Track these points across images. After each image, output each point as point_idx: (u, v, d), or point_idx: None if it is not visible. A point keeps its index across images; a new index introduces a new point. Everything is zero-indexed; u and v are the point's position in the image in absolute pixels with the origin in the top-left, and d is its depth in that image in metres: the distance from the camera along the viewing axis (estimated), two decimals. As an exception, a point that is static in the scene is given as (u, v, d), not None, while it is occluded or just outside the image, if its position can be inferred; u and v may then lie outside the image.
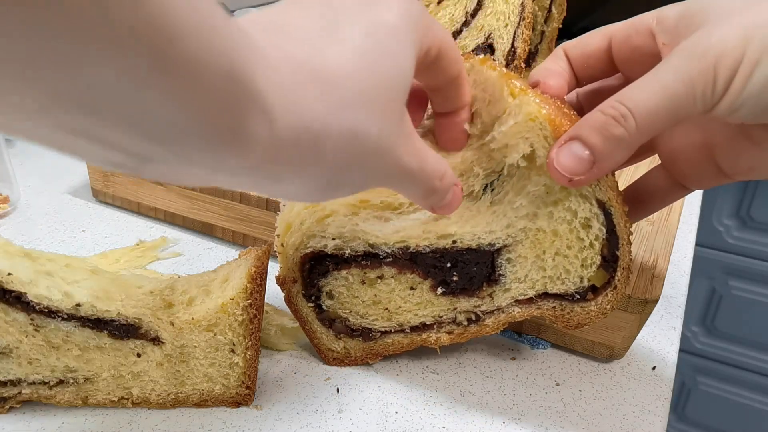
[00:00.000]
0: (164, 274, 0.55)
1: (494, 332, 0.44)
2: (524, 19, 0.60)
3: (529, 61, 0.70)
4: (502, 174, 0.39)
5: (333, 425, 0.42)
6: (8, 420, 0.41)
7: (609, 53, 0.39)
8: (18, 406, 0.42)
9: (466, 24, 0.62)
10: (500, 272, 0.42)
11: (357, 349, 0.47)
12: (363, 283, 0.44)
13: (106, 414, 0.42)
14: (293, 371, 0.47)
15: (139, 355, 0.41)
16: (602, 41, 0.39)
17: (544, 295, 0.42)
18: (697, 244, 1.34)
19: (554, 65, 0.40)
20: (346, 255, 0.43)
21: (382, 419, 0.43)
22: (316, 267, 0.44)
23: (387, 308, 0.45)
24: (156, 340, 0.40)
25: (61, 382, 0.41)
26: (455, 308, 0.44)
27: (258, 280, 0.40)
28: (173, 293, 0.42)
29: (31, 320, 0.38)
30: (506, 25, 0.61)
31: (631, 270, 0.39)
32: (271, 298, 0.46)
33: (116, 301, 0.40)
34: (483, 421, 0.43)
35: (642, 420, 0.43)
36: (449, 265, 0.42)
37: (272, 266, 0.44)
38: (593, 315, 0.41)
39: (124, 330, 0.40)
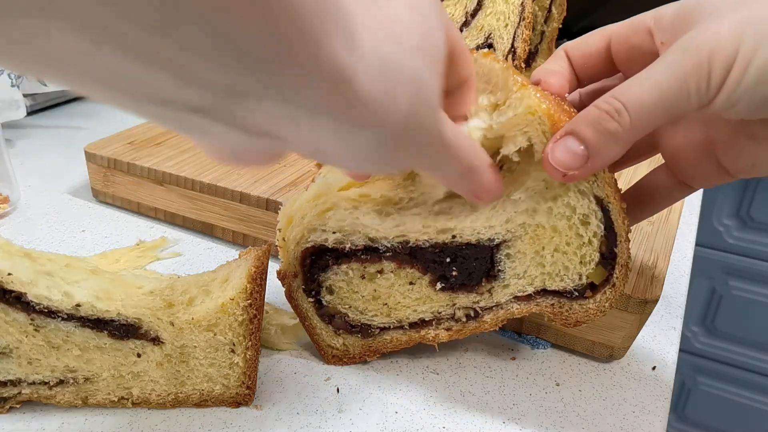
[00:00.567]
0: (164, 274, 0.55)
1: (492, 329, 0.44)
2: (524, 19, 0.60)
3: (529, 61, 0.70)
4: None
5: (333, 425, 0.42)
6: (8, 420, 0.41)
7: (609, 53, 0.40)
8: (18, 406, 0.42)
9: (466, 24, 0.62)
10: (499, 268, 0.42)
11: (356, 346, 0.47)
12: (363, 278, 0.44)
13: (106, 414, 0.42)
14: (293, 371, 0.47)
15: (139, 355, 0.41)
16: (602, 41, 0.40)
17: (543, 292, 0.42)
18: (697, 244, 1.34)
19: (555, 65, 0.40)
20: (347, 249, 0.43)
21: (382, 419, 0.43)
22: (317, 261, 0.44)
23: (386, 303, 0.45)
24: (156, 340, 0.40)
25: (61, 382, 0.41)
26: (454, 304, 0.44)
27: (258, 280, 0.40)
28: (173, 293, 0.42)
29: (31, 320, 0.39)
30: (506, 25, 0.61)
31: (630, 267, 0.39)
32: (271, 298, 0.46)
33: (116, 301, 0.40)
34: (483, 421, 0.43)
35: (642, 420, 0.43)
36: (448, 260, 0.42)
37: (272, 265, 0.44)
38: (592, 313, 0.41)
39: (124, 330, 0.40)
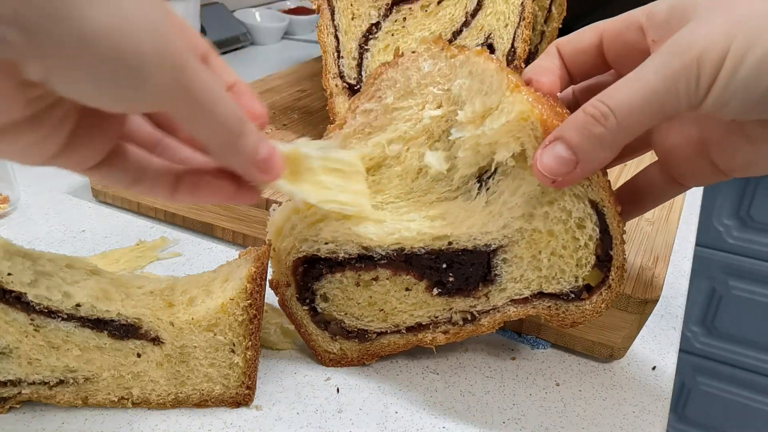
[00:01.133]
0: (163, 275, 0.55)
1: (490, 331, 0.44)
2: (524, 19, 0.60)
3: (529, 61, 0.70)
4: (495, 172, 0.39)
5: (333, 425, 0.42)
6: (8, 420, 0.41)
7: (601, 49, 0.39)
8: (18, 406, 0.42)
9: (466, 24, 0.62)
10: (496, 272, 0.42)
11: (353, 351, 0.47)
12: (358, 285, 0.44)
13: (106, 414, 0.42)
14: (293, 371, 0.47)
15: (139, 355, 0.41)
16: (594, 38, 0.39)
17: (540, 295, 0.42)
18: (697, 244, 1.34)
19: (547, 62, 0.40)
20: (340, 258, 0.43)
21: (382, 419, 0.43)
22: (310, 270, 0.44)
23: (382, 309, 0.45)
24: (156, 340, 0.40)
25: (61, 382, 0.41)
26: (451, 308, 0.44)
27: (258, 281, 0.40)
28: (173, 293, 0.42)
29: (31, 320, 0.39)
30: (506, 25, 0.61)
31: (626, 269, 0.39)
32: (271, 298, 0.46)
33: (116, 301, 0.40)
34: (483, 421, 0.43)
35: (642, 420, 0.43)
36: (445, 266, 0.42)
37: (270, 269, 0.44)
38: (588, 314, 0.41)
39: (124, 330, 0.40)
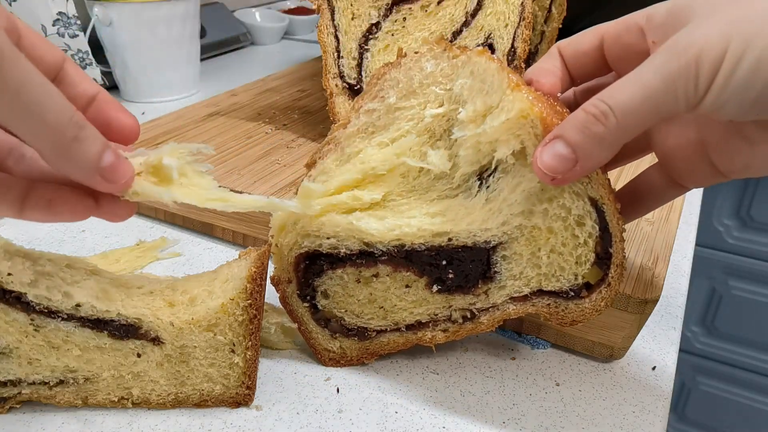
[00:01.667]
0: (163, 275, 0.55)
1: (489, 329, 0.44)
2: (524, 19, 0.60)
3: (529, 61, 0.70)
4: (496, 170, 0.40)
5: (333, 425, 0.42)
6: (8, 420, 0.41)
7: (601, 51, 0.39)
8: (18, 406, 0.42)
9: (466, 24, 0.62)
10: (496, 269, 0.42)
11: (353, 349, 0.47)
12: (358, 282, 0.44)
13: (106, 414, 0.42)
14: (293, 371, 0.47)
15: (139, 356, 0.41)
16: (594, 40, 0.39)
17: (539, 293, 0.42)
18: (697, 244, 1.34)
19: (548, 64, 0.40)
20: (341, 254, 0.43)
21: (382, 419, 0.43)
22: (311, 266, 0.44)
23: (382, 307, 0.45)
24: (156, 341, 0.40)
25: (61, 382, 0.41)
26: (450, 306, 0.44)
27: (258, 281, 0.40)
28: (173, 293, 0.42)
29: (31, 320, 0.39)
30: (506, 25, 0.61)
31: (625, 267, 0.39)
32: (271, 298, 0.46)
33: (116, 302, 0.40)
34: (483, 421, 0.43)
35: (642, 420, 0.43)
36: (445, 263, 0.42)
37: (272, 266, 0.44)
38: (587, 312, 0.41)
39: (124, 330, 0.40)
